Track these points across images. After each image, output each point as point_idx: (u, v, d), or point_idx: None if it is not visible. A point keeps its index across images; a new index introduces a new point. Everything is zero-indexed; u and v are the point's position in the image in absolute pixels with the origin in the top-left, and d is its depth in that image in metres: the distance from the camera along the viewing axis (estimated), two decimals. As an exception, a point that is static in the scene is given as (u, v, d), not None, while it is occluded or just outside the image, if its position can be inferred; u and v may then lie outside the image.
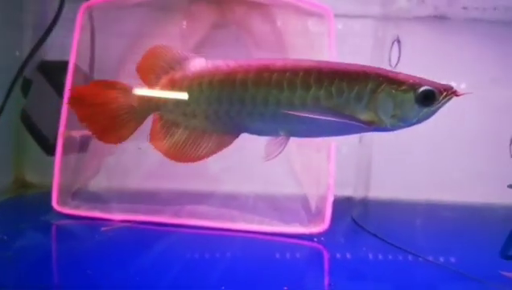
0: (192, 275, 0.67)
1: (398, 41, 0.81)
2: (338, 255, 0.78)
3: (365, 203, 1.06)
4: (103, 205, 0.88)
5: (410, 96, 0.49)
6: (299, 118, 0.51)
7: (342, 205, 1.03)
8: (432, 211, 1.04)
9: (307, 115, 0.51)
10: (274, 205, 0.88)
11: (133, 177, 0.94)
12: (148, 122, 0.65)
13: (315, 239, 0.82)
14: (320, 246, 0.81)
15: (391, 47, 0.83)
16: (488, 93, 0.93)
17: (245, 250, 0.78)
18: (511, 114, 0.91)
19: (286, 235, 0.83)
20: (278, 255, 0.77)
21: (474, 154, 1.00)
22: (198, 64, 0.55)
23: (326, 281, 0.69)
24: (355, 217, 0.98)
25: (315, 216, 0.84)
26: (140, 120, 0.57)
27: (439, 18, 0.94)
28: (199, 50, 0.97)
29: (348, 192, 1.06)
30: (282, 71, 0.51)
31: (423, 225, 0.96)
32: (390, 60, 0.83)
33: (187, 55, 0.56)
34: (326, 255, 0.79)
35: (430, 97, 0.49)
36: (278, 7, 0.91)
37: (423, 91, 0.49)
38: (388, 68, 0.86)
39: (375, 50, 0.94)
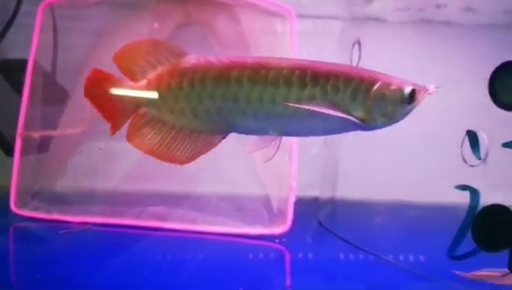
0: (150, 278, 0.66)
1: (359, 43, 0.82)
2: (299, 256, 0.79)
3: (332, 203, 1.06)
4: (63, 206, 0.86)
5: (399, 95, 0.50)
6: (291, 117, 0.51)
7: (308, 206, 1.03)
8: (397, 211, 1.04)
9: (305, 107, 0.49)
10: (236, 206, 0.87)
11: (94, 178, 0.93)
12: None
13: (277, 240, 0.82)
14: (282, 247, 0.81)
15: (352, 49, 0.83)
16: (449, 94, 0.94)
17: (206, 252, 0.78)
18: (473, 115, 0.92)
19: (247, 236, 0.83)
20: (238, 257, 0.76)
21: (438, 154, 1.01)
22: (189, 59, 0.52)
23: (286, 282, 0.69)
24: (320, 217, 0.98)
25: (277, 217, 0.84)
26: (127, 114, 0.54)
27: (402, 22, 0.94)
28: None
29: (314, 192, 1.06)
30: (279, 68, 0.50)
31: (387, 226, 0.96)
32: (351, 61, 0.83)
33: (178, 51, 0.53)
34: (287, 256, 0.79)
35: (413, 97, 0.51)
36: (242, 7, 0.90)
37: (408, 90, 0.50)
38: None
39: (340, 51, 0.95)
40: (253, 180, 0.91)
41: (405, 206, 1.05)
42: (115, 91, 0.54)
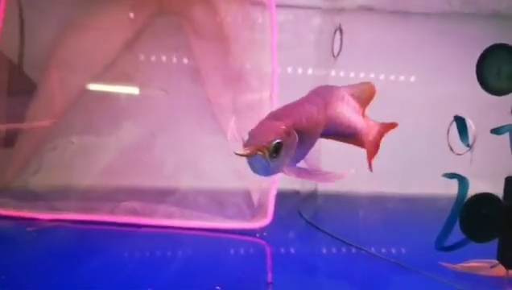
0: (128, 275, 0.63)
1: (340, 30, 0.79)
2: (280, 250, 0.77)
3: (313, 196, 1.04)
4: (32, 203, 0.81)
5: None
6: None
7: (290, 199, 1.01)
8: (379, 203, 1.04)
9: None
10: (216, 201, 0.84)
11: (67, 174, 0.88)
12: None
13: (258, 234, 0.79)
14: (263, 242, 0.78)
15: (334, 37, 0.81)
16: (428, 84, 0.93)
17: (184, 248, 0.75)
18: (452, 105, 0.92)
19: (228, 231, 0.80)
20: (218, 252, 0.74)
21: (418, 145, 1.01)
22: None
23: (267, 277, 0.67)
24: (302, 210, 0.97)
25: (258, 211, 0.82)
26: None
27: (383, 11, 0.93)
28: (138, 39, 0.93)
29: (296, 185, 1.04)
30: None
31: (370, 217, 0.96)
32: (332, 50, 0.81)
33: None
34: (268, 250, 0.77)
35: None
36: (220, -4, 0.87)
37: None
38: (331, 57, 0.85)
39: (320, 40, 0.93)
40: (233, 173, 0.88)
41: (387, 198, 1.05)
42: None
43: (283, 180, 0.94)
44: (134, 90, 0.93)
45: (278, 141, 0.45)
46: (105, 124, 0.90)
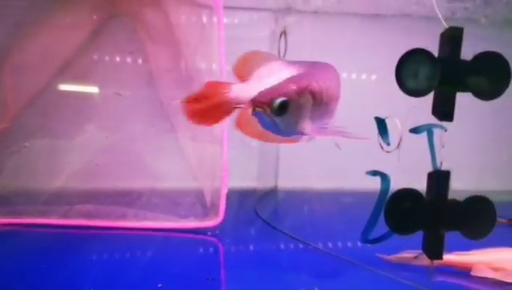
0: (79, 277, 0.64)
1: (285, 33, 0.82)
2: (232, 248, 0.79)
3: (272, 194, 1.06)
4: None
5: None
6: None
7: (247, 198, 1.03)
8: (335, 199, 1.06)
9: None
10: (169, 201, 0.86)
11: (18, 177, 0.89)
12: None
13: (209, 233, 0.81)
14: (214, 240, 0.80)
15: (279, 39, 0.84)
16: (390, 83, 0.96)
17: (136, 248, 0.76)
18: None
19: (181, 230, 0.82)
20: (169, 251, 0.76)
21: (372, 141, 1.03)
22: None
23: (218, 274, 0.69)
24: (259, 208, 0.99)
25: (210, 210, 0.84)
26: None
27: (326, 13, 0.96)
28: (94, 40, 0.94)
29: (253, 183, 1.06)
30: None
31: (325, 214, 0.98)
32: (279, 52, 0.84)
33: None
34: (220, 248, 0.79)
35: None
36: (170, -2, 0.89)
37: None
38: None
39: (271, 42, 0.95)
40: (187, 174, 0.90)
41: (342, 193, 1.08)
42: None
43: (241, 179, 0.97)
44: (88, 91, 0.94)
45: (283, 100, 0.48)
46: (60, 126, 0.91)
